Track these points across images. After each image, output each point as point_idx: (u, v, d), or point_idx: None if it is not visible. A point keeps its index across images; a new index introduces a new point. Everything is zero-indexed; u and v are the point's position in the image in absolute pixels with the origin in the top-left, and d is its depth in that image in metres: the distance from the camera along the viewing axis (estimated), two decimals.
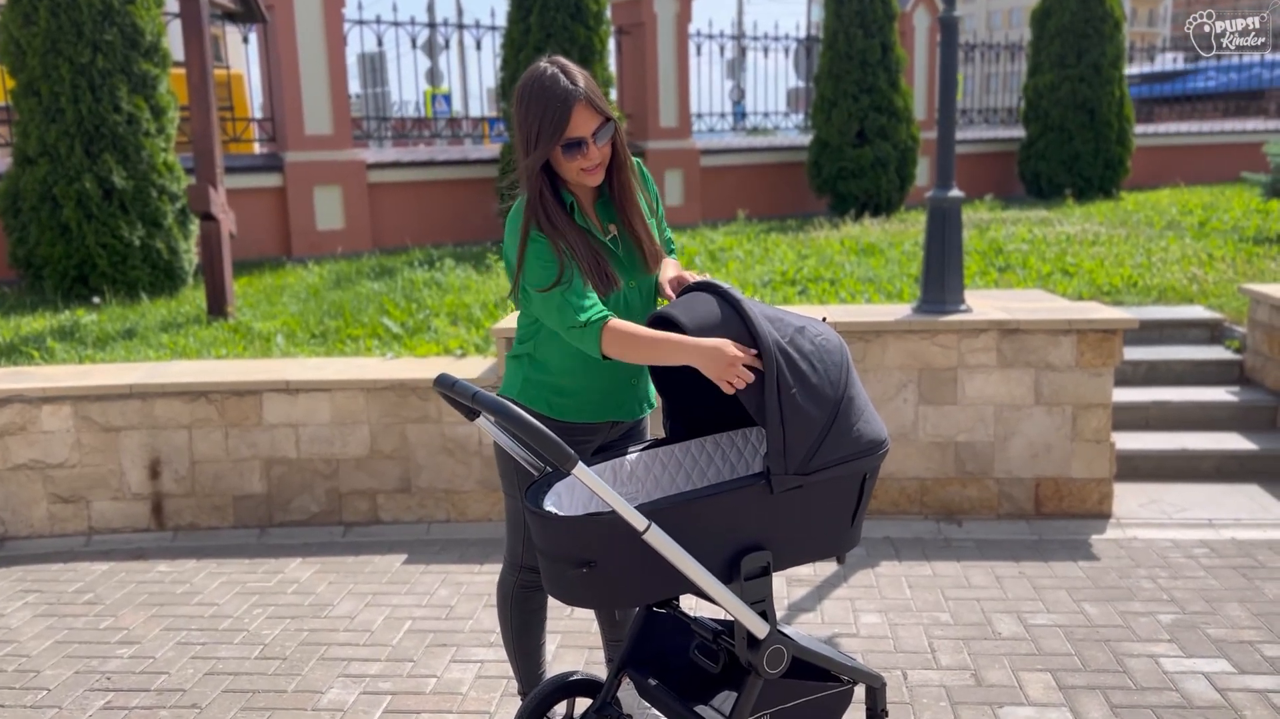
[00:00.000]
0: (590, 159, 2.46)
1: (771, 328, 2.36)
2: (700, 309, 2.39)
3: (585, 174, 2.49)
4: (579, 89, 2.42)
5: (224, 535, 4.88)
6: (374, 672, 3.50)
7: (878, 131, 12.00)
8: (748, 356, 2.26)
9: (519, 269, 2.51)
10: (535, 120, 2.41)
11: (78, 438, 4.87)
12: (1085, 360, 4.69)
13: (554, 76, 2.42)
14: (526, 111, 2.43)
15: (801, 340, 2.39)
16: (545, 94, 2.41)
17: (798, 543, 2.47)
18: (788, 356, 2.34)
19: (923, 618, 3.79)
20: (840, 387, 2.40)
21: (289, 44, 9.44)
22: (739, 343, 2.31)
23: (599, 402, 2.65)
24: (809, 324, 2.48)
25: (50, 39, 7.35)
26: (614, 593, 2.32)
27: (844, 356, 2.45)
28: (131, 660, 3.63)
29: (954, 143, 4.91)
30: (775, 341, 2.33)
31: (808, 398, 2.34)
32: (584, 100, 2.42)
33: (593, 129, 2.44)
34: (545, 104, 2.40)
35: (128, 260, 7.58)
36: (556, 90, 2.40)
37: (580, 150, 2.44)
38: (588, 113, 2.43)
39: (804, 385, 2.34)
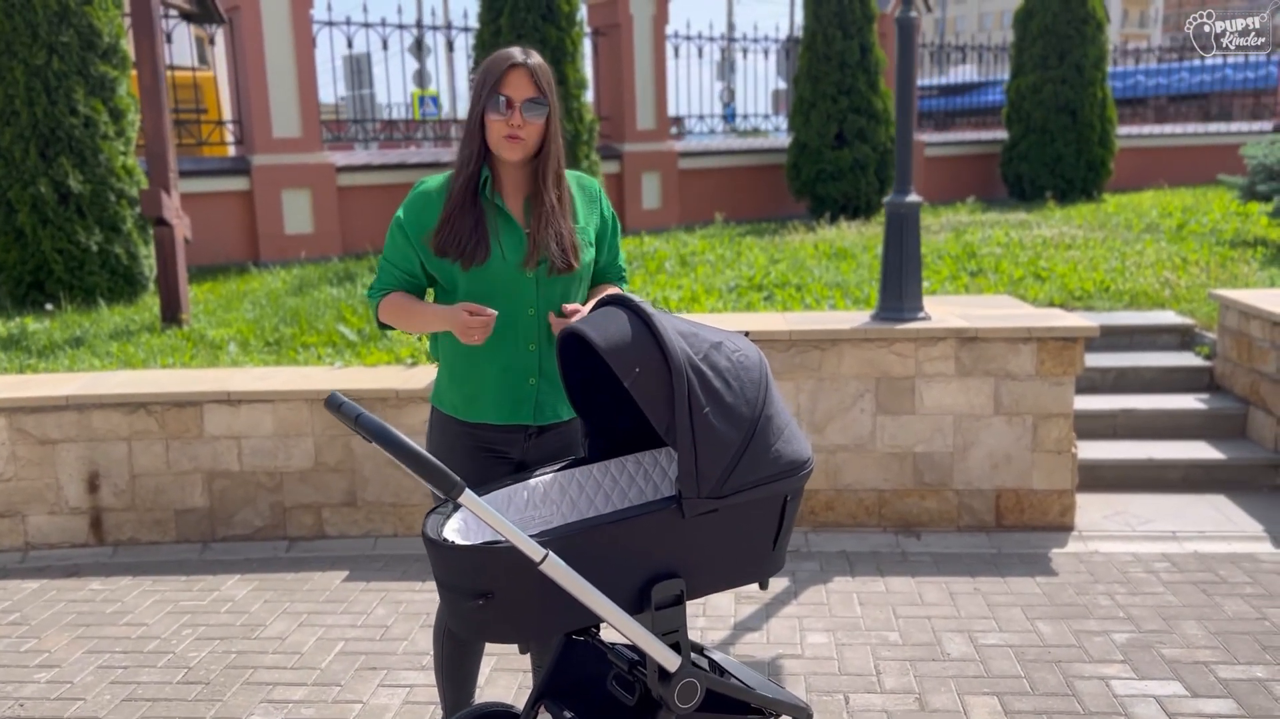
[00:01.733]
0: (512, 125, 2.44)
1: (685, 344, 2.24)
2: (611, 325, 2.27)
3: (505, 142, 2.46)
4: (525, 60, 2.48)
5: (165, 551, 4.75)
6: (298, 697, 3.37)
7: (857, 134, 11.89)
8: (477, 321, 2.40)
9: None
10: (479, 79, 2.50)
11: (13, 450, 4.73)
12: (1046, 369, 4.57)
13: (510, 50, 2.51)
14: (478, 78, 2.51)
15: (717, 356, 2.28)
16: (494, 58, 2.50)
17: (714, 570, 2.35)
18: (700, 374, 2.22)
19: (871, 638, 3.67)
20: (757, 405, 2.28)
21: (255, 45, 9.30)
22: (644, 360, 2.19)
23: (495, 398, 2.61)
24: (727, 339, 2.36)
25: (4, 40, 7.20)
26: (514, 626, 2.19)
27: (763, 373, 2.33)
28: (48, 686, 3.49)
29: (911, 145, 4.81)
30: (687, 358, 2.21)
31: (722, 417, 2.22)
32: (525, 68, 2.46)
33: (524, 96, 2.45)
34: (490, 65, 2.49)
35: (85, 266, 7.43)
36: (503, 54, 2.49)
37: (504, 110, 2.44)
38: (525, 80, 2.46)
39: (718, 404, 2.22)
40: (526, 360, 2.61)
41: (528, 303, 2.56)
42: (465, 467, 2.68)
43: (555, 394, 2.67)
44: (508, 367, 2.60)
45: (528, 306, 2.56)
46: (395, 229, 2.59)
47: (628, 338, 2.21)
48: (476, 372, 2.61)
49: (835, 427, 4.68)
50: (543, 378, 2.64)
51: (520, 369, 2.61)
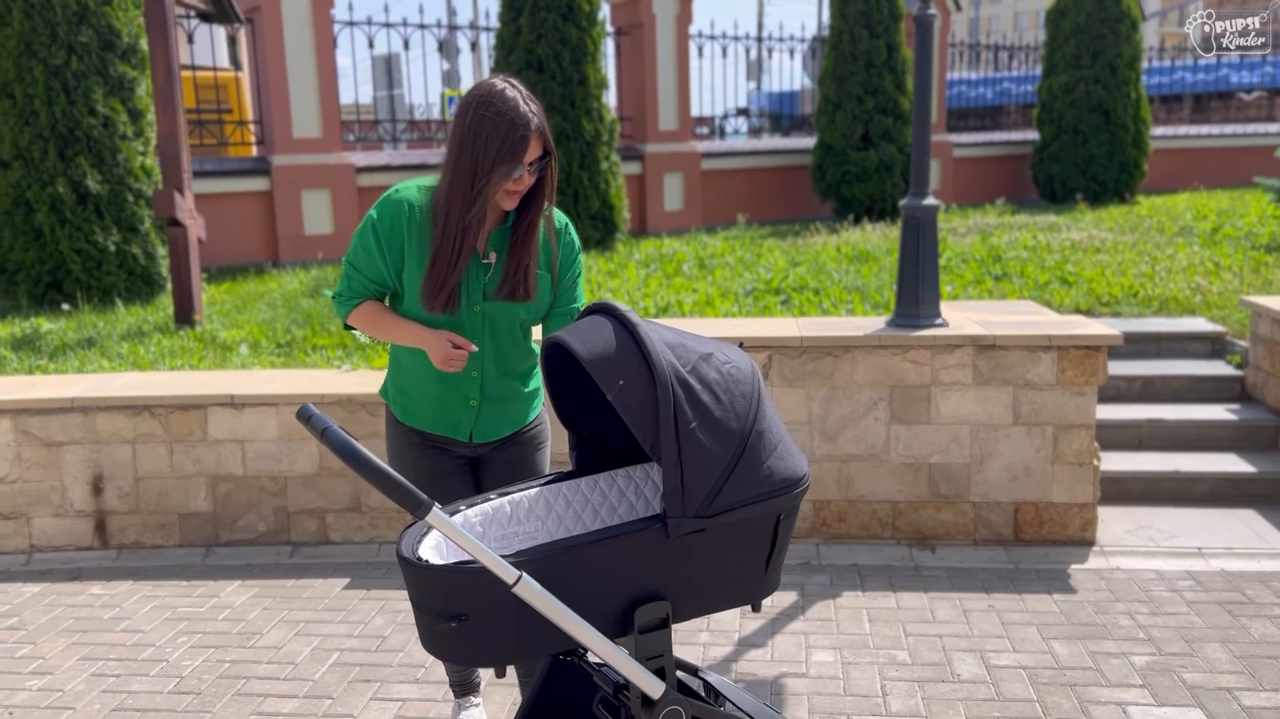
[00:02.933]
0: (520, 185, 2.44)
1: (672, 355, 2.14)
2: (595, 335, 2.17)
3: (508, 195, 2.46)
4: (536, 119, 2.42)
5: (168, 555, 4.70)
6: (288, 709, 3.30)
7: (883, 134, 11.74)
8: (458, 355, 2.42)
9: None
10: (494, 142, 2.36)
11: (18, 452, 4.70)
12: (1067, 378, 4.43)
13: (515, 100, 2.39)
14: (480, 127, 2.37)
15: (706, 368, 2.17)
16: (507, 117, 2.37)
17: (702, 592, 2.25)
18: (687, 387, 2.11)
19: (879, 656, 3.54)
20: (748, 420, 2.18)
21: (276, 45, 9.29)
22: (628, 372, 2.09)
23: (432, 413, 2.64)
24: (717, 350, 2.26)
25: (24, 40, 7.23)
26: (488, 650, 2.10)
27: (755, 386, 2.23)
28: (39, 693, 3.45)
29: (929, 146, 4.67)
30: (674, 371, 2.11)
31: (710, 432, 2.12)
32: (537, 131, 2.42)
33: (534, 158, 2.43)
34: (507, 128, 2.37)
35: (102, 266, 7.44)
36: (519, 116, 2.38)
37: (516, 174, 2.41)
38: (537, 144, 2.43)
39: (705, 419, 2.12)
40: (467, 386, 2.62)
41: (473, 335, 2.57)
42: (416, 463, 2.70)
43: (499, 414, 2.68)
44: (447, 389, 2.61)
45: (473, 338, 2.57)
46: (368, 232, 2.53)
47: (611, 349, 2.11)
48: (417, 386, 2.63)
49: (848, 436, 4.56)
50: (485, 400, 2.65)
51: (459, 393, 2.62)
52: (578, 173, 9.33)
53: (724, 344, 2.31)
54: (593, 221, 9.47)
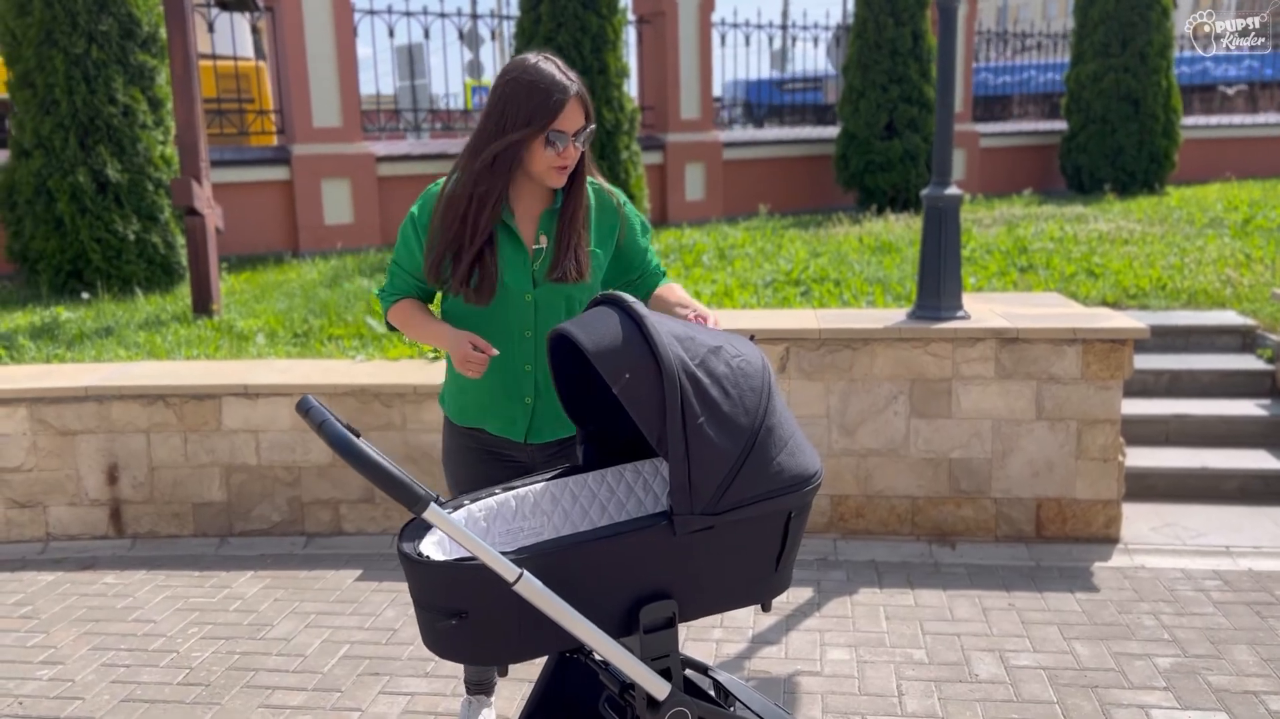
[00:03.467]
0: (565, 157, 2.35)
1: (680, 347, 2.08)
2: (600, 326, 2.12)
3: (554, 171, 2.37)
4: (575, 84, 2.35)
5: (183, 544, 4.70)
6: (296, 702, 3.28)
7: (907, 123, 11.59)
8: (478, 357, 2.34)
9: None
10: (525, 104, 2.29)
11: (34, 441, 4.71)
12: (1092, 372, 4.33)
13: (550, 69, 2.34)
14: (514, 94, 2.31)
15: (715, 362, 2.11)
16: (542, 82, 2.31)
17: (710, 591, 2.19)
18: (695, 380, 2.05)
19: (895, 655, 3.48)
20: (758, 415, 2.11)
21: (296, 34, 9.27)
22: (635, 364, 2.03)
23: (488, 405, 2.56)
24: (727, 343, 2.19)
25: (45, 29, 7.23)
26: (489, 648, 2.06)
27: (765, 380, 2.17)
28: (50, 683, 3.44)
29: (951, 135, 4.58)
30: (681, 364, 2.05)
31: (718, 427, 2.06)
32: (578, 96, 2.34)
33: (577, 128, 2.35)
34: (541, 91, 2.30)
35: (122, 255, 7.45)
36: (555, 80, 2.32)
37: (558, 145, 2.33)
38: (578, 110, 2.35)
39: (713, 413, 2.06)
40: (521, 381, 2.53)
41: (524, 325, 2.49)
42: (471, 470, 2.63)
43: (555, 414, 2.57)
44: (502, 385, 2.53)
45: (524, 329, 2.49)
46: (409, 230, 2.49)
47: (618, 340, 2.06)
48: (473, 383, 2.55)
49: (867, 430, 4.48)
50: (539, 398, 2.55)
51: (515, 389, 2.54)
52: (598, 163, 9.26)
53: (734, 336, 2.25)
54: None
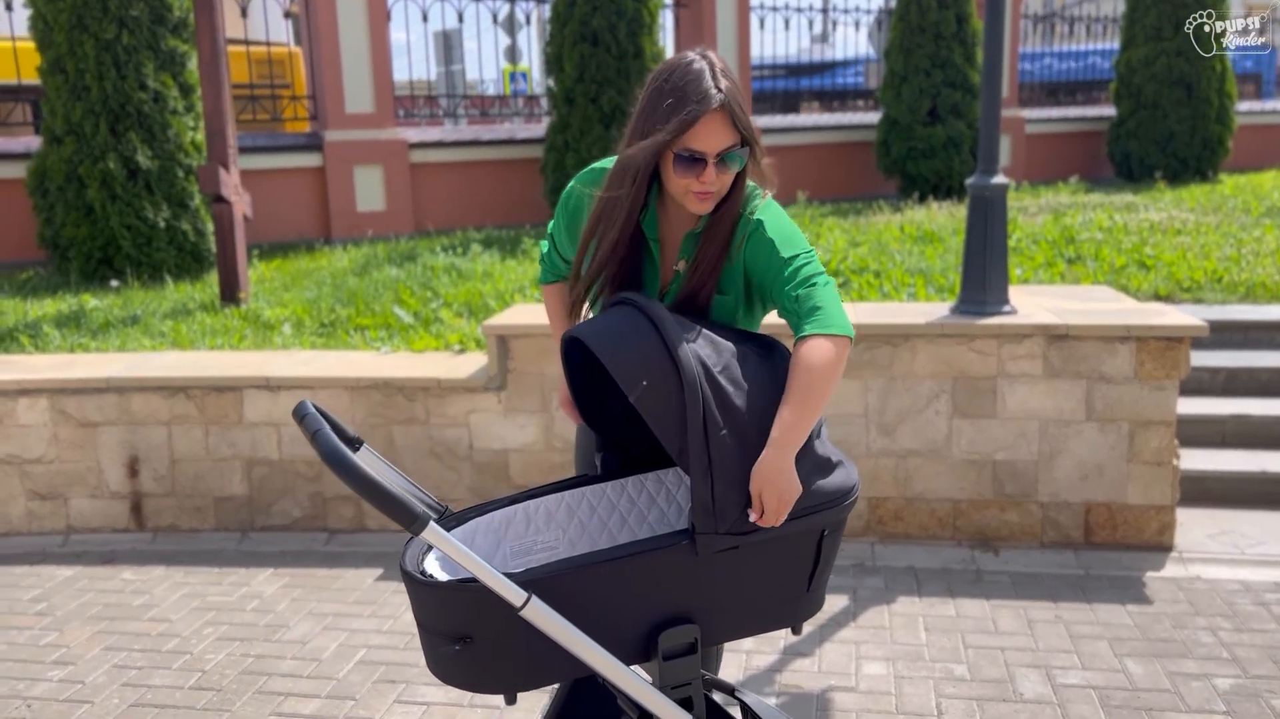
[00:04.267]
0: (705, 183, 2.00)
1: (701, 353, 1.92)
2: (615, 330, 1.96)
3: (693, 198, 2.03)
4: (720, 94, 1.97)
5: (204, 539, 4.62)
6: (309, 710, 3.16)
7: (951, 109, 11.29)
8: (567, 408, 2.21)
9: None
10: (663, 111, 1.97)
11: (55, 432, 4.64)
12: (1145, 372, 4.11)
13: (700, 72, 1.99)
14: (656, 98, 2.00)
15: (741, 367, 1.95)
16: (684, 87, 1.97)
17: (736, 614, 2.04)
18: (718, 388, 1.89)
19: (935, 670, 3.30)
20: None
21: (329, 19, 9.17)
22: (652, 372, 1.87)
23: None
24: (754, 345, 2.03)
25: (76, 14, 7.17)
26: (494, 676, 1.91)
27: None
28: (60, 685, 3.35)
29: (998, 121, 4.36)
30: (703, 371, 1.89)
31: (742, 439, 1.89)
32: (721, 108, 1.97)
33: (720, 148, 1.98)
34: (679, 98, 1.97)
35: (152, 242, 7.40)
36: (698, 87, 1.97)
37: (695, 168, 1.99)
38: (723, 126, 1.98)
39: (737, 424, 1.89)
40: None
41: None
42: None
43: None
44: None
45: None
46: (561, 206, 2.27)
47: (633, 346, 1.90)
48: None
49: (906, 430, 4.29)
50: None
51: None
52: None
53: (763, 338, 2.08)
54: None
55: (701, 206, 2.04)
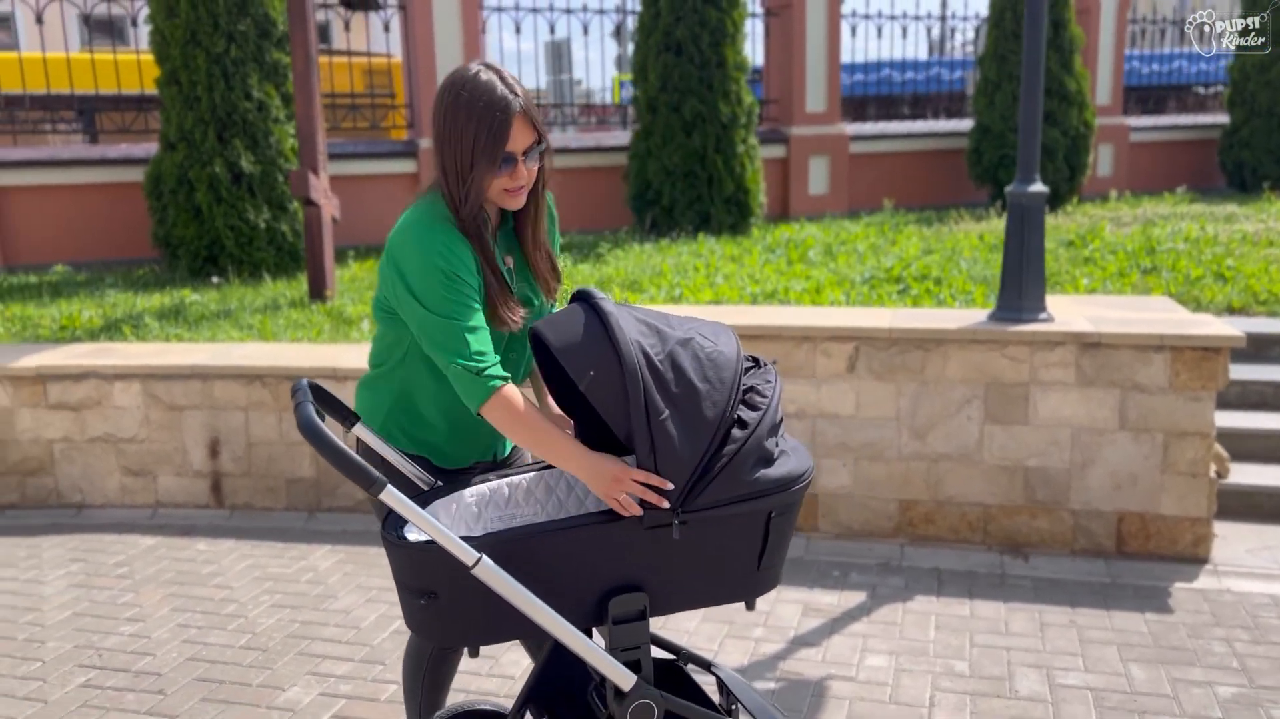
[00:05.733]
0: (518, 179, 2.17)
1: (645, 342, 2.08)
2: (567, 324, 2.13)
3: (508, 195, 2.19)
4: (518, 98, 2.14)
5: (275, 517, 4.97)
6: (341, 672, 3.44)
7: (1045, 117, 11.10)
8: (637, 479, 2.03)
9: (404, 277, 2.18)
10: (470, 130, 2.11)
11: (146, 414, 5.07)
12: (1181, 382, 4.09)
13: (490, 82, 2.13)
14: (457, 117, 2.12)
15: (682, 354, 2.10)
16: (481, 100, 2.11)
17: (686, 586, 2.20)
18: (658, 375, 2.05)
19: (935, 665, 3.38)
20: (725, 407, 2.09)
21: (425, 31, 9.60)
22: (599, 362, 2.05)
23: (469, 441, 2.42)
24: (698, 334, 2.17)
25: (189, 30, 7.72)
26: (456, 629, 2.12)
27: (736, 371, 2.14)
28: (128, 639, 3.71)
29: (1038, 128, 4.39)
30: (644, 359, 2.05)
31: (682, 423, 2.05)
32: (522, 112, 2.14)
33: (526, 146, 2.16)
34: (482, 112, 2.11)
35: (253, 242, 7.90)
36: (495, 97, 2.11)
37: (510, 168, 2.15)
38: (526, 127, 2.15)
39: (677, 408, 2.06)
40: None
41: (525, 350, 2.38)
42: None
43: None
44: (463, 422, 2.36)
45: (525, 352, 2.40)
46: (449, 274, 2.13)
47: (579, 337, 2.08)
48: (424, 424, 2.38)
49: (938, 434, 4.36)
50: None
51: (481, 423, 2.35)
52: (712, 156, 9.25)
53: (715, 326, 2.23)
54: (726, 205, 9.38)
55: (515, 202, 2.20)
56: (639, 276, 6.78)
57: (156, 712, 3.21)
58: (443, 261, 2.13)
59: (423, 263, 2.13)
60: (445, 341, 2.13)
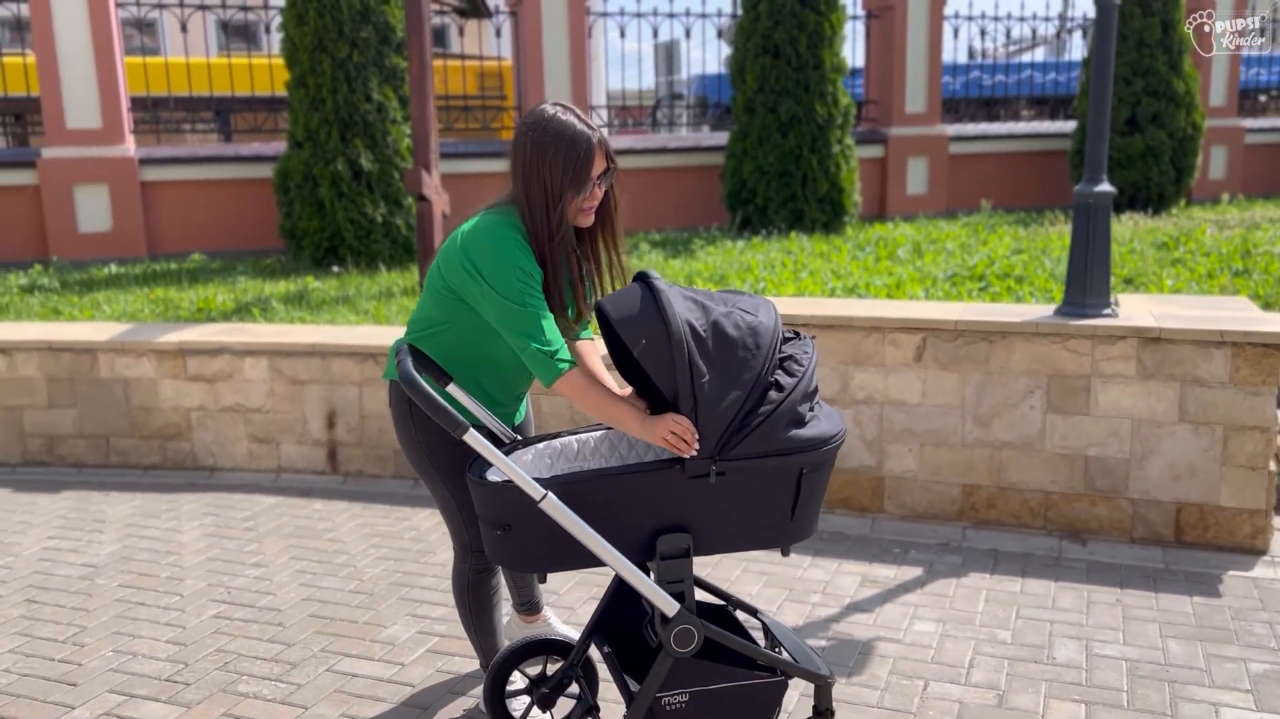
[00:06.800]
0: (594, 200, 2.60)
1: (690, 314, 2.40)
2: (624, 300, 2.47)
3: (582, 214, 2.63)
4: (595, 132, 2.56)
5: (384, 484, 5.45)
6: (436, 614, 3.85)
7: (1151, 118, 10.99)
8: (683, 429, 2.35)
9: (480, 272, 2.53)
10: (559, 163, 2.51)
11: (271, 387, 5.60)
12: (1241, 377, 4.20)
13: (569, 121, 2.54)
14: (544, 153, 2.52)
15: (724, 324, 2.42)
16: (566, 136, 2.52)
17: (725, 530, 2.51)
18: (701, 342, 2.37)
19: (980, 633, 3.61)
20: (759, 369, 2.39)
21: (534, 36, 10.07)
22: (650, 331, 2.37)
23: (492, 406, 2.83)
24: (738, 306, 2.48)
25: (317, 37, 8.34)
26: (527, 557, 2.48)
27: (774, 337, 2.44)
28: (253, 580, 4.20)
29: (1106, 131, 4.54)
30: (689, 328, 2.37)
31: (721, 384, 2.37)
32: (599, 143, 2.56)
33: (600, 171, 2.58)
34: (569, 147, 2.51)
35: (371, 235, 8.48)
36: (577, 133, 2.52)
37: (587, 190, 2.57)
38: (601, 156, 2.57)
39: (717, 371, 2.37)
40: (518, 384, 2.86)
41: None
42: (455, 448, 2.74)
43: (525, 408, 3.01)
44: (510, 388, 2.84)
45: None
46: (527, 273, 2.51)
47: (635, 311, 2.41)
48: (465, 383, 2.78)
49: (1001, 423, 4.55)
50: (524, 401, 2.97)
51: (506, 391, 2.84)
52: (807, 156, 9.48)
53: (755, 299, 2.54)
54: (820, 204, 9.59)
55: (587, 220, 2.63)
56: (726, 271, 7.09)
57: (277, 640, 3.67)
58: (518, 260, 2.52)
59: (499, 260, 2.52)
60: (522, 327, 2.51)
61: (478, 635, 3.04)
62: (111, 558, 4.47)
